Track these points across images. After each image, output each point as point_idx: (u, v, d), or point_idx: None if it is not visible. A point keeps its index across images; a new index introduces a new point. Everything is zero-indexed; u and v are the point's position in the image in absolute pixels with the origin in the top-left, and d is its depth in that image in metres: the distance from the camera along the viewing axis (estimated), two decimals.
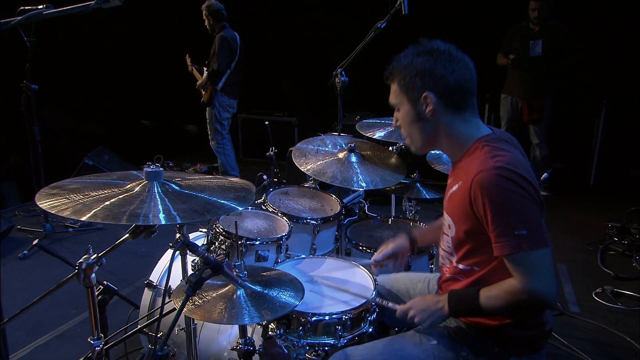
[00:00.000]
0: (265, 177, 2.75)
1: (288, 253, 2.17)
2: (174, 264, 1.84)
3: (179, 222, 1.35)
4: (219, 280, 1.56)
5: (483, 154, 1.42)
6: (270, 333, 1.69)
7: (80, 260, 1.34)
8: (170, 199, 1.43)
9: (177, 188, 1.52)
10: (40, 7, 1.36)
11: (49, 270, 3.53)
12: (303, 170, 2.35)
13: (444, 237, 1.62)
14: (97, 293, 1.51)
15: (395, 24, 2.55)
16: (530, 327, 1.52)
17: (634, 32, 5.06)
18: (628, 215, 4.26)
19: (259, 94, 6.36)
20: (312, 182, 2.74)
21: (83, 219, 1.29)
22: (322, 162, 2.37)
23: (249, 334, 1.67)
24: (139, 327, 2.05)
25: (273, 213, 2.32)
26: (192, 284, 1.36)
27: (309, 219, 2.26)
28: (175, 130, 7.63)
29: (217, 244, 2.11)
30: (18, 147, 4.81)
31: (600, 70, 5.25)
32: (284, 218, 2.26)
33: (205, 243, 2.21)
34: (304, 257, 2.13)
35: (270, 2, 6.25)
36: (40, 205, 1.34)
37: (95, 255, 1.37)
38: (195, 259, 1.99)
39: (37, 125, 3.81)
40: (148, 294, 2.30)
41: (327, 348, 1.64)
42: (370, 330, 1.72)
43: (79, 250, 1.59)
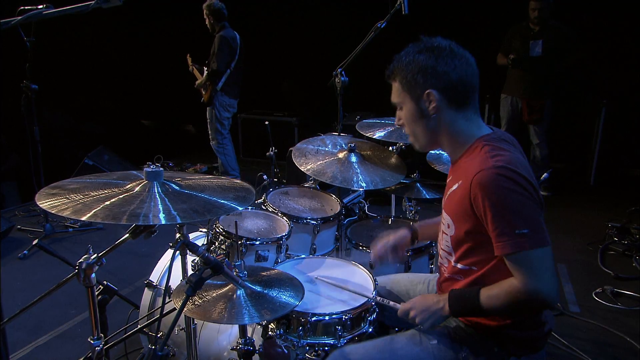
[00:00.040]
0: (265, 177, 2.76)
1: (288, 253, 2.17)
2: (174, 264, 1.85)
3: (179, 222, 1.35)
4: (219, 280, 1.56)
5: (483, 154, 1.42)
6: (270, 333, 1.69)
7: (80, 260, 1.35)
8: (170, 199, 1.43)
9: (177, 188, 1.52)
10: (40, 7, 1.36)
11: (49, 270, 3.53)
12: (303, 170, 2.35)
13: (443, 236, 1.62)
14: (97, 293, 1.51)
15: (395, 24, 2.55)
16: (530, 327, 1.52)
17: (634, 32, 5.06)
18: (628, 215, 4.26)
19: (259, 94, 6.36)
20: (312, 182, 2.74)
21: (83, 219, 1.29)
22: (322, 162, 2.37)
23: (249, 334, 1.67)
24: (139, 327, 2.05)
25: (273, 213, 2.32)
26: (192, 284, 1.36)
27: (309, 219, 2.26)
28: (175, 130, 7.62)
29: (217, 244, 2.11)
30: (18, 147, 4.82)
31: (600, 70, 5.25)
32: (284, 218, 2.26)
33: (205, 243, 2.21)
34: (304, 257, 2.13)
35: (270, 2, 6.25)
36: (40, 205, 1.34)
37: (95, 255, 1.37)
38: (195, 259, 1.99)
39: (37, 125, 3.81)
40: (148, 294, 2.30)
41: (327, 348, 1.64)
42: (370, 330, 1.72)
43: (79, 250, 1.59)
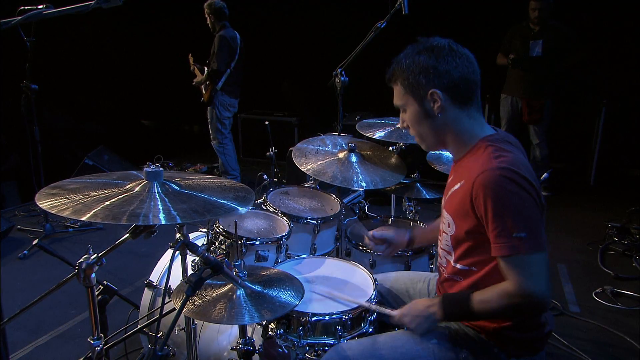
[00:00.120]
0: (266, 177, 2.76)
1: (288, 253, 2.17)
2: (174, 264, 1.84)
3: (179, 222, 1.35)
4: (219, 280, 1.56)
5: (487, 154, 1.42)
6: (270, 333, 1.69)
7: (80, 260, 1.35)
8: (170, 199, 1.43)
9: (177, 188, 1.52)
10: (40, 7, 1.36)
11: (49, 270, 3.53)
12: (303, 170, 2.35)
13: (443, 235, 1.62)
14: (97, 293, 1.51)
15: (395, 24, 2.55)
16: (530, 328, 1.52)
17: (634, 32, 5.06)
18: (628, 215, 4.26)
19: (259, 94, 6.36)
20: (312, 182, 2.74)
21: (83, 219, 1.29)
22: (322, 162, 2.37)
23: (249, 334, 1.67)
24: (139, 327, 2.05)
25: (273, 213, 2.32)
26: (192, 284, 1.36)
27: (309, 219, 2.26)
28: (175, 130, 7.63)
29: (217, 244, 2.11)
30: (18, 147, 4.81)
31: (600, 70, 5.25)
32: (284, 218, 2.26)
33: (205, 243, 2.21)
34: (304, 257, 2.13)
35: (270, 2, 6.25)
36: (40, 205, 1.34)
37: (95, 255, 1.37)
38: (195, 259, 1.99)
39: (37, 125, 3.81)
40: (148, 294, 2.30)
41: (327, 348, 1.64)
42: (371, 330, 1.72)
43: (79, 250, 1.59)
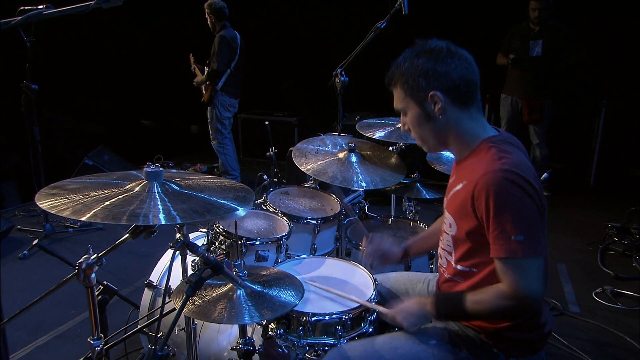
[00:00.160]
0: (266, 177, 2.76)
1: (288, 253, 2.17)
2: (174, 264, 1.85)
3: (179, 222, 1.35)
4: (219, 280, 1.56)
5: (490, 155, 1.42)
6: (270, 333, 1.69)
7: (80, 260, 1.35)
8: (170, 199, 1.43)
9: (177, 188, 1.52)
10: (40, 7, 1.36)
11: (49, 270, 3.53)
12: (303, 170, 2.35)
13: (444, 235, 1.62)
14: (97, 293, 1.51)
15: (395, 24, 2.55)
16: (530, 329, 1.52)
17: (634, 32, 5.06)
18: (628, 215, 4.26)
19: (259, 94, 6.36)
20: (312, 182, 2.74)
21: (83, 219, 1.29)
22: (322, 162, 2.37)
23: (249, 334, 1.67)
24: (139, 327, 2.05)
25: (273, 213, 2.32)
26: (192, 284, 1.36)
27: (309, 219, 2.26)
28: (175, 130, 7.62)
29: (217, 244, 2.11)
30: (18, 147, 4.81)
31: (600, 70, 5.24)
32: (284, 218, 2.26)
33: (205, 243, 2.21)
34: (304, 257, 2.13)
35: (270, 2, 6.25)
36: (40, 205, 1.34)
37: (95, 255, 1.37)
38: (195, 259, 1.99)
39: (37, 125, 3.81)
40: (148, 294, 2.30)
41: (327, 348, 1.64)
42: (371, 330, 1.72)
43: (79, 250, 1.59)
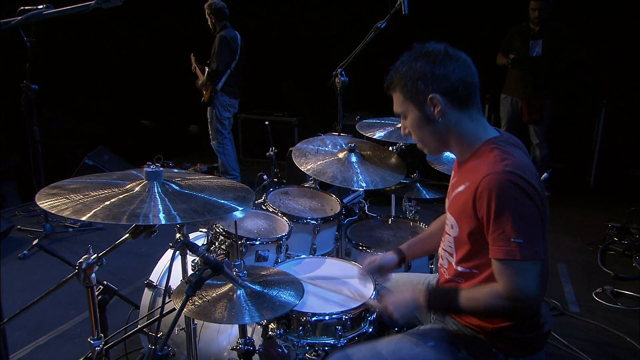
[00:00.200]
0: (265, 177, 2.76)
1: (288, 253, 2.17)
2: (174, 264, 1.85)
3: (179, 222, 1.35)
4: (219, 280, 1.56)
5: (492, 157, 1.42)
6: (270, 333, 1.69)
7: (80, 260, 1.35)
8: (170, 199, 1.43)
9: (177, 188, 1.52)
10: (40, 7, 1.36)
11: (49, 270, 3.53)
12: (303, 170, 2.35)
13: (446, 236, 1.62)
14: (97, 293, 1.51)
15: (395, 24, 2.55)
16: (530, 329, 1.52)
17: (634, 32, 5.06)
18: (628, 215, 4.26)
19: (259, 94, 6.35)
20: (312, 182, 2.74)
21: (83, 219, 1.29)
22: (322, 162, 2.37)
23: (249, 334, 1.67)
24: (139, 327, 2.05)
25: (273, 213, 2.32)
26: (192, 284, 1.36)
27: (309, 219, 2.26)
28: (175, 130, 7.62)
29: (217, 244, 2.11)
30: (18, 147, 4.81)
31: (600, 70, 5.24)
32: (284, 218, 2.26)
33: (205, 243, 2.21)
34: (304, 257, 2.13)
35: (270, 2, 6.25)
36: (40, 205, 1.34)
37: (95, 255, 1.37)
38: (195, 259, 1.99)
39: (37, 125, 3.81)
40: (148, 294, 2.31)
41: (327, 348, 1.64)
42: (370, 330, 1.72)
43: (79, 250, 1.59)
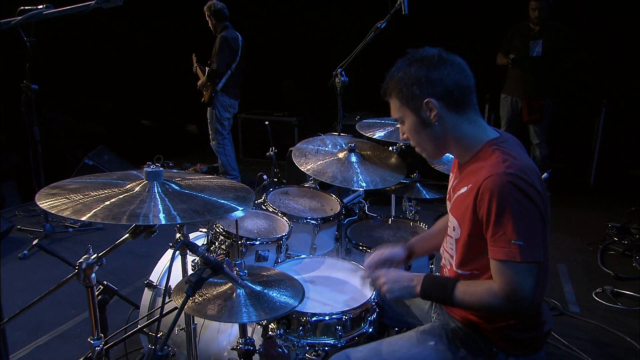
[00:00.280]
0: (265, 177, 2.76)
1: (288, 253, 2.17)
2: (174, 264, 1.85)
3: (179, 222, 1.35)
4: (219, 280, 1.56)
5: (494, 158, 1.42)
6: (270, 333, 1.69)
7: (80, 260, 1.35)
8: (170, 199, 1.43)
9: (177, 188, 1.52)
10: (40, 7, 1.36)
11: (49, 270, 3.53)
12: (303, 170, 2.35)
13: (448, 238, 1.63)
14: (97, 293, 1.51)
15: (395, 24, 2.55)
16: (529, 328, 1.52)
17: (634, 32, 5.06)
18: (628, 215, 4.27)
19: (259, 94, 6.36)
20: (312, 182, 2.74)
21: (83, 219, 1.29)
22: (322, 162, 2.37)
23: (249, 334, 1.67)
24: (139, 327, 2.05)
25: (273, 213, 2.32)
26: (192, 284, 1.36)
27: (309, 219, 2.26)
28: (175, 130, 7.62)
29: (217, 244, 2.11)
30: (18, 147, 4.81)
31: (600, 70, 5.25)
32: (284, 218, 2.26)
33: (205, 243, 2.21)
34: (304, 257, 2.13)
35: (270, 2, 6.25)
36: (40, 205, 1.34)
37: (95, 255, 1.37)
38: (195, 259, 2.00)
39: (37, 125, 3.81)
40: (148, 294, 2.31)
41: (327, 348, 1.64)
42: (370, 331, 1.72)
43: (79, 250, 1.59)
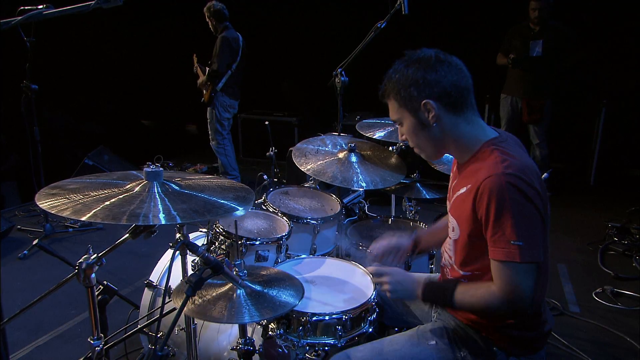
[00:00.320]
0: (266, 177, 2.76)
1: (288, 253, 2.17)
2: (174, 264, 1.85)
3: (179, 222, 1.35)
4: (219, 280, 1.56)
5: (493, 158, 1.42)
6: (270, 333, 1.69)
7: (80, 260, 1.35)
8: (170, 199, 1.43)
9: (177, 188, 1.52)
10: (40, 7, 1.36)
11: (49, 270, 3.54)
12: (303, 170, 2.35)
13: (448, 240, 1.63)
14: (97, 293, 1.52)
15: (395, 24, 2.55)
16: (530, 327, 1.52)
17: (634, 32, 5.06)
18: (628, 215, 4.27)
19: (259, 94, 6.36)
20: (312, 182, 2.74)
21: (83, 219, 1.29)
22: (322, 162, 2.37)
23: (249, 334, 1.67)
24: (139, 327, 2.05)
25: (273, 213, 2.32)
26: (192, 284, 1.36)
27: (309, 219, 2.26)
28: (175, 130, 7.62)
29: (217, 244, 2.11)
30: (18, 147, 4.81)
31: (600, 70, 5.25)
32: (284, 218, 2.26)
33: (205, 243, 2.21)
34: (304, 257, 2.13)
35: (270, 2, 6.25)
36: (40, 205, 1.34)
37: (95, 255, 1.37)
38: (195, 259, 1.99)
39: (37, 125, 3.81)
40: (148, 294, 2.31)
41: (327, 348, 1.64)
42: (370, 331, 1.72)
43: (79, 250, 1.59)
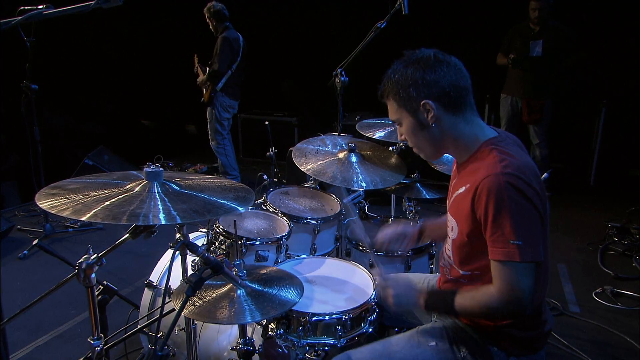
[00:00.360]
0: (266, 177, 2.76)
1: (288, 253, 2.17)
2: (174, 264, 1.85)
3: (179, 222, 1.35)
4: (219, 280, 1.56)
5: (491, 158, 1.42)
6: (270, 333, 1.69)
7: (80, 260, 1.35)
8: (170, 199, 1.43)
9: (177, 188, 1.52)
10: (40, 7, 1.36)
11: (49, 270, 3.54)
12: (303, 170, 2.35)
13: (447, 239, 1.63)
14: (97, 293, 1.52)
15: (395, 24, 2.55)
16: (530, 327, 1.52)
17: (634, 32, 5.06)
18: (628, 215, 4.27)
19: (259, 94, 6.36)
20: (312, 182, 2.74)
21: (83, 219, 1.29)
22: (322, 162, 2.37)
23: (249, 334, 1.67)
24: (139, 327, 2.05)
25: (273, 213, 2.32)
26: (192, 284, 1.36)
27: (309, 219, 2.26)
28: (175, 130, 7.62)
29: (217, 244, 2.11)
30: (18, 147, 4.82)
31: (600, 70, 5.24)
32: (284, 218, 2.26)
33: (205, 243, 2.21)
34: (304, 257, 2.13)
35: (270, 2, 6.25)
36: (40, 205, 1.34)
37: (95, 255, 1.37)
38: (195, 259, 1.99)
39: (37, 125, 3.81)
40: (148, 294, 2.31)
41: (327, 348, 1.64)
42: (370, 331, 1.72)
43: (79, 250, 1.59)
